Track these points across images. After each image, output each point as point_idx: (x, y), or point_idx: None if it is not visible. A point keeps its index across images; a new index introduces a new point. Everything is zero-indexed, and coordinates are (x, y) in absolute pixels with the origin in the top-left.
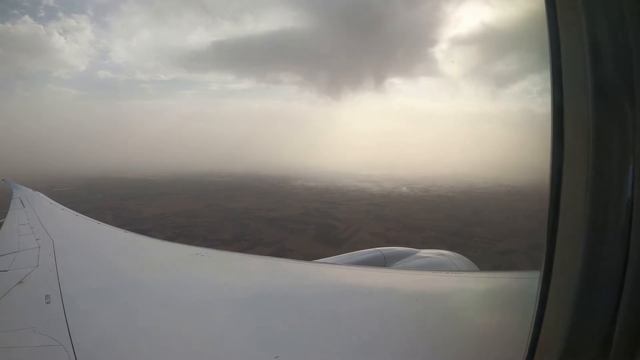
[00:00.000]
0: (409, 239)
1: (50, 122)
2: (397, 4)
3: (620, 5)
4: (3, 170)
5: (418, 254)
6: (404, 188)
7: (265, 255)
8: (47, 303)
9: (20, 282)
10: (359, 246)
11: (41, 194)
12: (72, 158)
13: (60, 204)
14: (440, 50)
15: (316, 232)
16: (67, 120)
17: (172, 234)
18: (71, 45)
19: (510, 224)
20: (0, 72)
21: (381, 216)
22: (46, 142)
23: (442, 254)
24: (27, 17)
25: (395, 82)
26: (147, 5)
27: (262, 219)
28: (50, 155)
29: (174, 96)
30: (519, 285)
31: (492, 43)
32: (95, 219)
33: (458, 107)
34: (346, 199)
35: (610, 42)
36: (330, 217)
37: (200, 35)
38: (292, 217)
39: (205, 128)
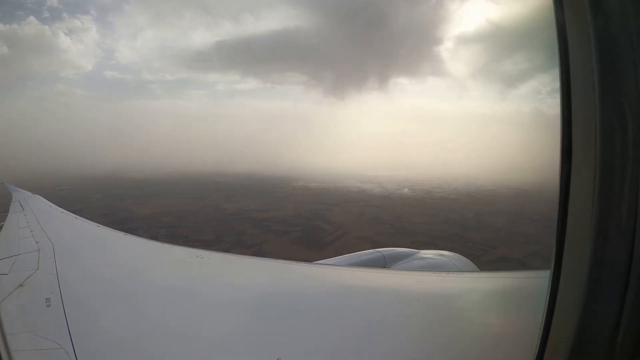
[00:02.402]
0: (397, 243)
1: (60, 122)
2: (402, 1)
3: (627, 5)
4: (13, 169)
5: (418, 255)
6: (406, 189)
7: (266, 257)
8: (48, 306)
9: (21, 285)
10: (341, 251)
11: (40, 197)
12: (82, 157)
13: (57, 203)
14: (446, 49)
15: (301, 234)
16: (77, 120)
17: (156, 234)
18: (77, 45)
19: (512, 228)
20: (10, 72)
21: (375, 219)
22: (57, 141)
23: (443, 255)
24: (32, 17)
25: (401, 82)
26: (149, 6)
27: (251, 220)
28: (60, 154)
29: (179, 96)
30: (519, 285)
31: (501, 41)
32: (86, 217)
33: (465, 107)
34: (344, 201)
35: (618, 42)
36: (321, 219)
37: (202, 35)
38: (282, 218)
39: (211, 127)
